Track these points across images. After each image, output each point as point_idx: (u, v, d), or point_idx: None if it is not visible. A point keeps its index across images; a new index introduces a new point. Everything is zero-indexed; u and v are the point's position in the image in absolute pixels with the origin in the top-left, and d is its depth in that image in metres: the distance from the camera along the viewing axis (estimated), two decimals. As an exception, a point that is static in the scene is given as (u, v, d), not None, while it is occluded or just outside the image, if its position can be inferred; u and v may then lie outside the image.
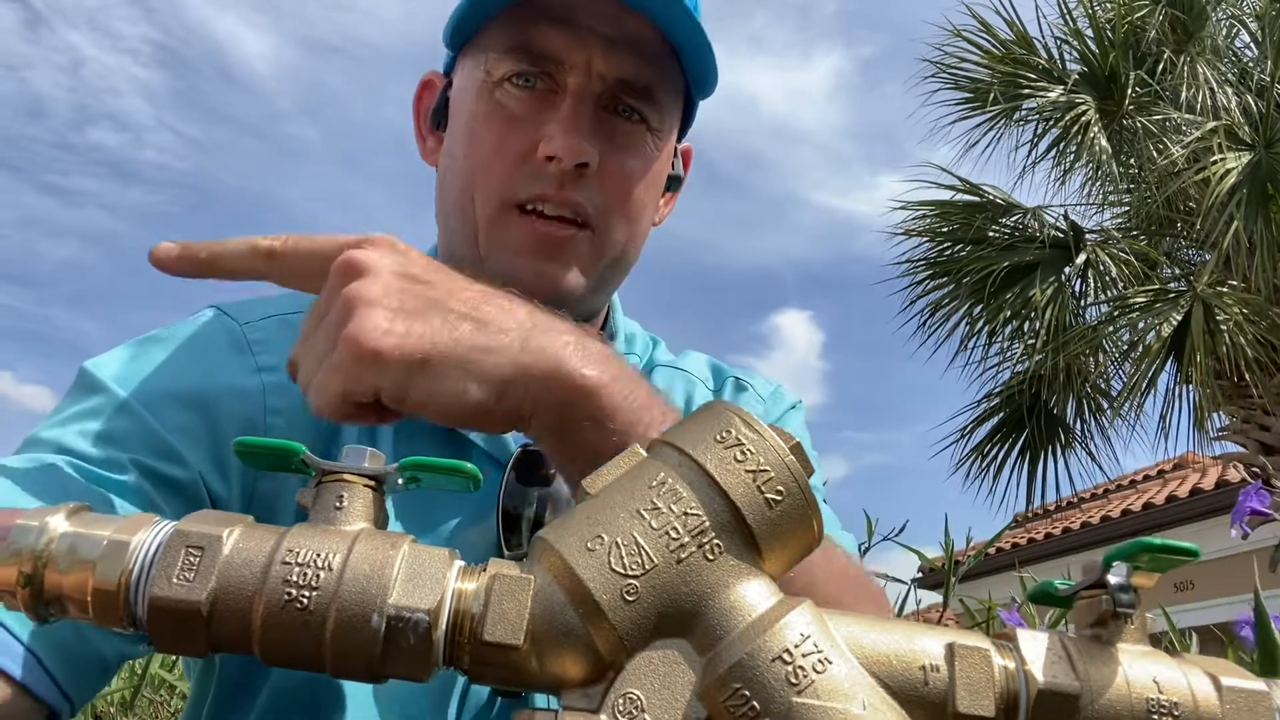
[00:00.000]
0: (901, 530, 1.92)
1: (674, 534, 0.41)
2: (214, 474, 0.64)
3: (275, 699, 0.66)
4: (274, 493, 0.67)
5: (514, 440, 0.73)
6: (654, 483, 0.42)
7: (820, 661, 0.39)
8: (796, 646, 0.39)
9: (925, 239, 6.49)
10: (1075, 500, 10.17)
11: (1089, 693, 0.40)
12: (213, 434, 0.65)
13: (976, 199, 6.34)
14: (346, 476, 0.44)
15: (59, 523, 0.41)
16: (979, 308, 6.23)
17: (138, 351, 0.68)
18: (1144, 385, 5.65)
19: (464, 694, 0.67)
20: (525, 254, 0.71)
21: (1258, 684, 0.42)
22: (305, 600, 0.39)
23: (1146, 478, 10.54)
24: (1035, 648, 0.41)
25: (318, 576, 0.40)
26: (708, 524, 0.41)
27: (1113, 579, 0.42)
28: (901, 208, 6.49)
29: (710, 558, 0.41)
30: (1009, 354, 6.37)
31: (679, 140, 0.83)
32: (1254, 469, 5.90)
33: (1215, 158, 5.21)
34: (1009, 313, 6.08)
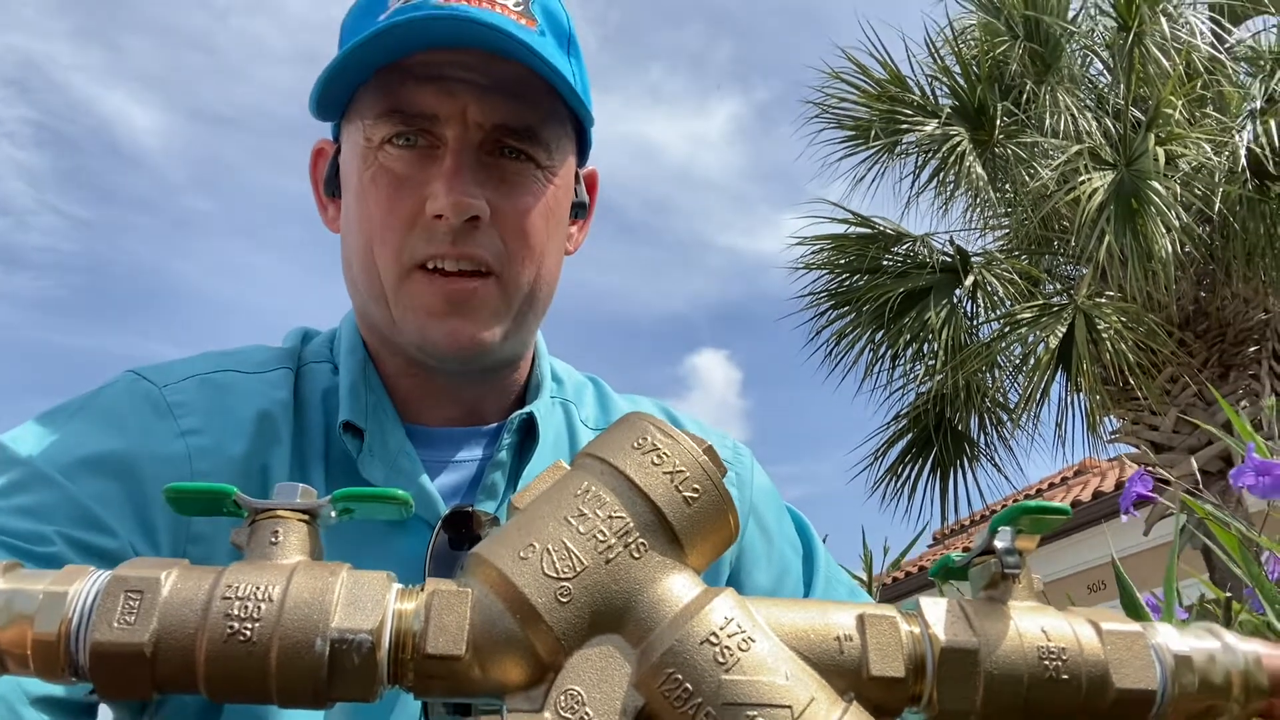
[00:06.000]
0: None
1: (601, 536, 0.43)
2: (143, 541, 0.64)
3: None
4: (205, 558, 0.65)
5: (444, 501, 0.73)
6: (579, 491, 0.45)
7: (744, 641, 0.42)
8: (722, 629, 0.42)
9: (825, 271, 6.71)
10: (987, 513, 10.50)
11: (986, 646, 0.44)
12: (138, 501, 0.64)
13: (868, 230, 6.60)
14: (280, 513, 0.45)
15: (-8, 581, 0.41)
16: (880, 334, 6.45)
17: (55, 422, 0.67)
18: (1038, 396, 5.93)
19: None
20: (435, 314, 0.71)
21: (1134, 626, 0.47)
22: (248, 632, 0.40)
23: (1051, 485, 10.97)
24: (936, 612, 0.45)
25: (259, 608, 0.41)
26: (632, 525, 0.44)
27: (999, 544, 0.47)
28: (800, 243, 6.71)
29: (636, 556, 0.44)
30: (912, 375, 6.60)
31: (581, 165, 0.83)
32: (1148, 467, 6.22)
33: (1082, 178, 5.56)
34: (908, 336, 6.32)
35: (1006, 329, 5.99)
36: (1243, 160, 5.52)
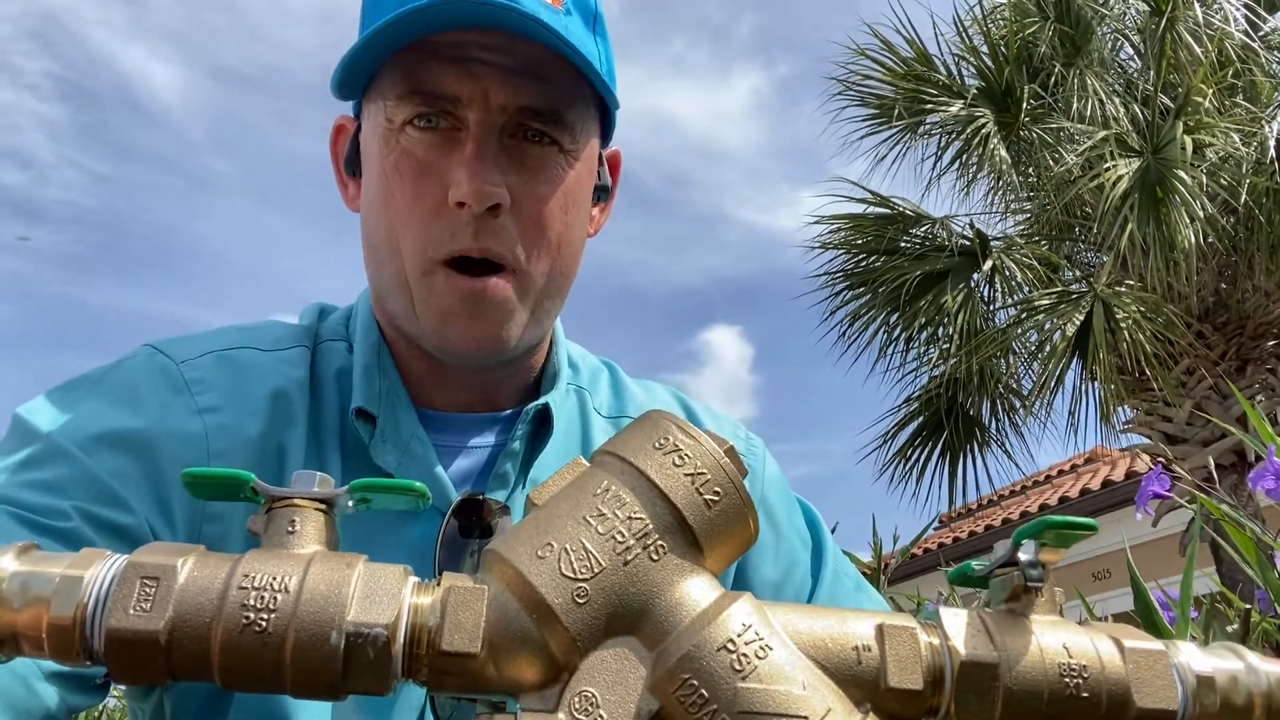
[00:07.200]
0: (831, 532, 1.96)
1: (620, 538, 0.43)
2: (159, 519, 0.64)
3: None
4: (220, 536, 0.66)
5: (455, 487, 0.74)
6: (598, 490, 0.44)
7: (761, 649, 0.41)
8: (739, 636, 0.41)
9: (842, 251, 6.67)
10: (995, 498, 10.51)
11: (1006, 661, 0.43)
12: (155, 478, 0.64)
13: (888, 211, 6.54)
14: (297, 501, 0.45)
15: (8, 562, 0.41)
16: (895, 316, 6.42)
17: (74, 395, 0.67)
18: (1052, 383, 5.90)
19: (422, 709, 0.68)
20: (455, 314, 0.70)
21: (1156, 644, 0.46)
22: (264, 623, 0.40)
23: (1060, 472, 10.95)
24: (956, 624, 0.45)
25: (275, 599, 0.41)
26: (651, 526, 0.43)
27: (1022, 556, 0.46)
28: (817, 222, 6.66)
29: (655, 558, 0.43)
30: (925, 359, 6.58)
31: (604, 146, 0.82)
32: (1160, 458, 6.19)
33: (1107, 165, 5.49)
34: (923, 319, 6.28)
35: (1023, 315, 5.95)
36: (1271, 151, 5.44)
